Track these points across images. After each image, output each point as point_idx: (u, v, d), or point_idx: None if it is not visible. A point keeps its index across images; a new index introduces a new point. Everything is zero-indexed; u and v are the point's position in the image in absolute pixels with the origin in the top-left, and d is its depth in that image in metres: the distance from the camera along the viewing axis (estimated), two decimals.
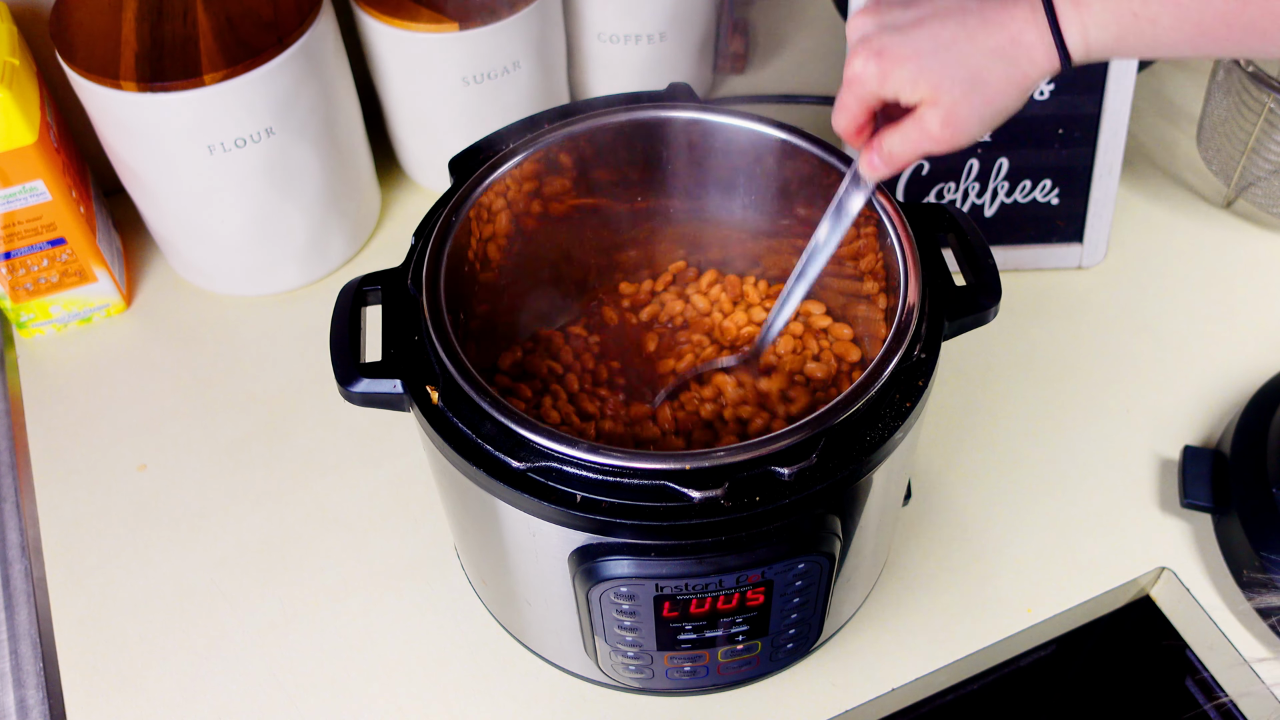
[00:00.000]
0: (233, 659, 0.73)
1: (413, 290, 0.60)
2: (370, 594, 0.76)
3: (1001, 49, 0.53)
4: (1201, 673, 0.78)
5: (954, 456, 0.82)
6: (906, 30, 0.55)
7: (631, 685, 0.66)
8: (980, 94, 0.54)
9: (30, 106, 0.80)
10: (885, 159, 0.58)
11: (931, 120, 0.55)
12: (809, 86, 1.11)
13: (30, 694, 0.71)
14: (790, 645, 0.63)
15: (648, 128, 0.68)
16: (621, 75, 1.02)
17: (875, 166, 0.59)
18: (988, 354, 0.88)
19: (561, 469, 0.53)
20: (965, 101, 0.54)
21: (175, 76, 0.77)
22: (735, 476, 0.52)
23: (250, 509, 0.80)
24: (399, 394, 0.57)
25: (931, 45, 0.54)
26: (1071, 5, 0.52)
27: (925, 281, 0.60)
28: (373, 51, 0.92)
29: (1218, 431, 0.82)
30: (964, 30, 0.54)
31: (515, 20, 0.87)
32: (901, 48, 0.54)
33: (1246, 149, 0.92)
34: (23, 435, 0.86)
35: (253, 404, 0.86)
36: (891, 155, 0.57)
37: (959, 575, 0.76)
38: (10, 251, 0.85)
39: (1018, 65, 0.53)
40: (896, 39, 0.55)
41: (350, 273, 0.96)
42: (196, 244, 0.90)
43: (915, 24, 0.54)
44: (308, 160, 0.87)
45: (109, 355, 0.91)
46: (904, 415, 0.56)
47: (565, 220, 0.72)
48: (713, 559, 0.53)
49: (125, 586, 0.76)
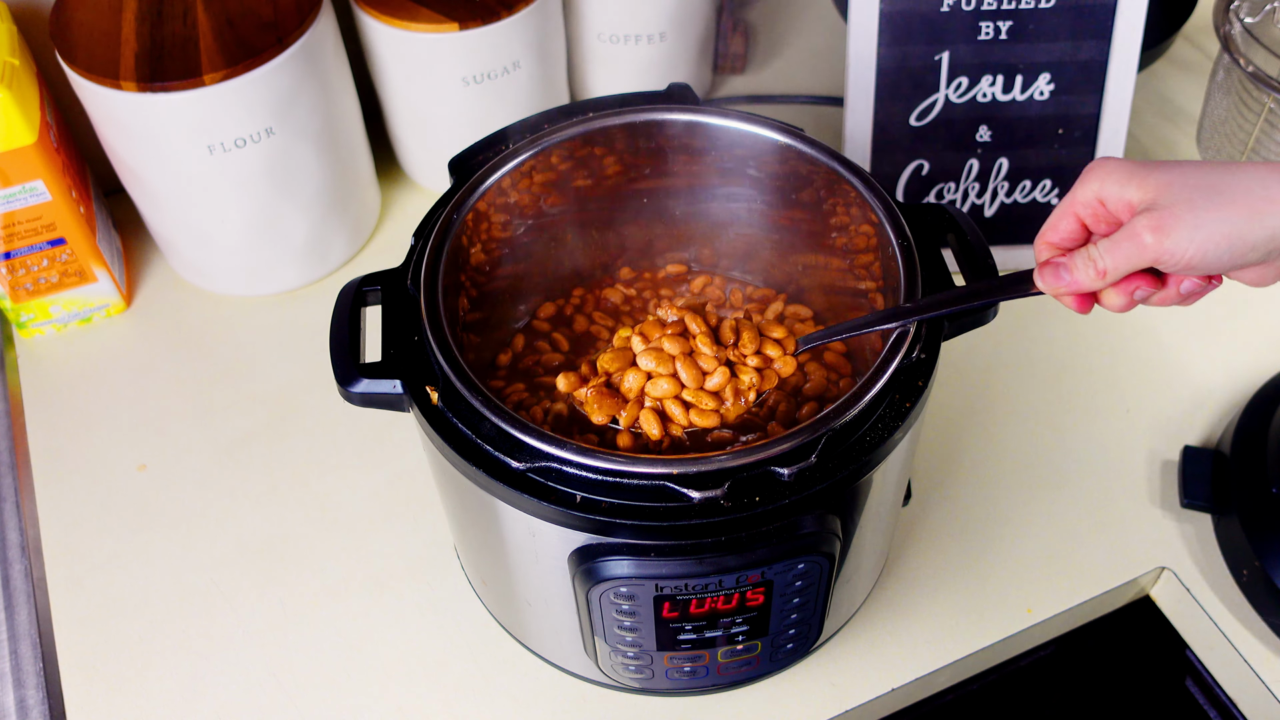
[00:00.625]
0: (233, 659, 0.73)
1: (412, 290, 0.60)
2: (370, 594, 0.76)
3: (1258, 177, 0.47)
4: (1201, 673, 0.78)
5: (954, 456, 0.82)
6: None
7: (631, 685, 0.66)
8: (1211, 202, 0.47)
9: (30, 106, 0.80)
10: (1068, 270, 0.52)
11: (1142, 225, 0.49)
12: (809, 86, 1.11)
13: (30, 694, 0.71)
14: (790, 645, 0.63)
15: (648, 128, 0.68)
16: (621, 75, 1.02)
17: (1055, 279, 0.53)
18: (988, 354, 0.88)
19: (561, 469, 0.53)
20: (1187, 207, 0.47)
21: (175, 76, 0.77)
22: (735, 477, 0.52)
23: (250, 509, 0.80)
24: (399, 394, 0.57)
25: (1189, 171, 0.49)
26: None
27: (925, 282, 0.60)
28: (373, 51, 0.92)
29: (1218, 431, 0.82)
30: (1225, 166, 0.48)
31: (515, 20, 0.87)
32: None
33: (1246, 149, 0.92)
34: (23, 435, 0.86)
35: (253, 404, 0.87)
36: (1076, 266, 0.52)
37: (959, 575, 0.76)
38: (10, 251, 0.85)
39: (1268, 189, 0.47)
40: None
41: (350, 273, 0.96)
42: (196, 244, 0.90)
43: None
44: (308, 160, 0.87)
45: (109, 355, 0.91)
46: (904, 415, 0.56)
47: (565, 220, 0.72)
48: (713, 559, 0.53)
49: (125, 586, 0.76)
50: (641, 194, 0.73)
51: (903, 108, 0.88)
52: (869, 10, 0.84)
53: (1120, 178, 0.50)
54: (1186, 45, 1.15)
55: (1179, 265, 0.49)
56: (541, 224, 0.71)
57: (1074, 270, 0.52)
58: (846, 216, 0.66)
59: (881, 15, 0.84)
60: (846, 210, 0.66)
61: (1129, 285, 0.52)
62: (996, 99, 0.88)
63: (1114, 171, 0.51)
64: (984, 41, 0.85)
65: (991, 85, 0.87)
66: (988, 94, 0.87)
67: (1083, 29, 0.85)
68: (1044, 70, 0.86)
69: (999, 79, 0.87)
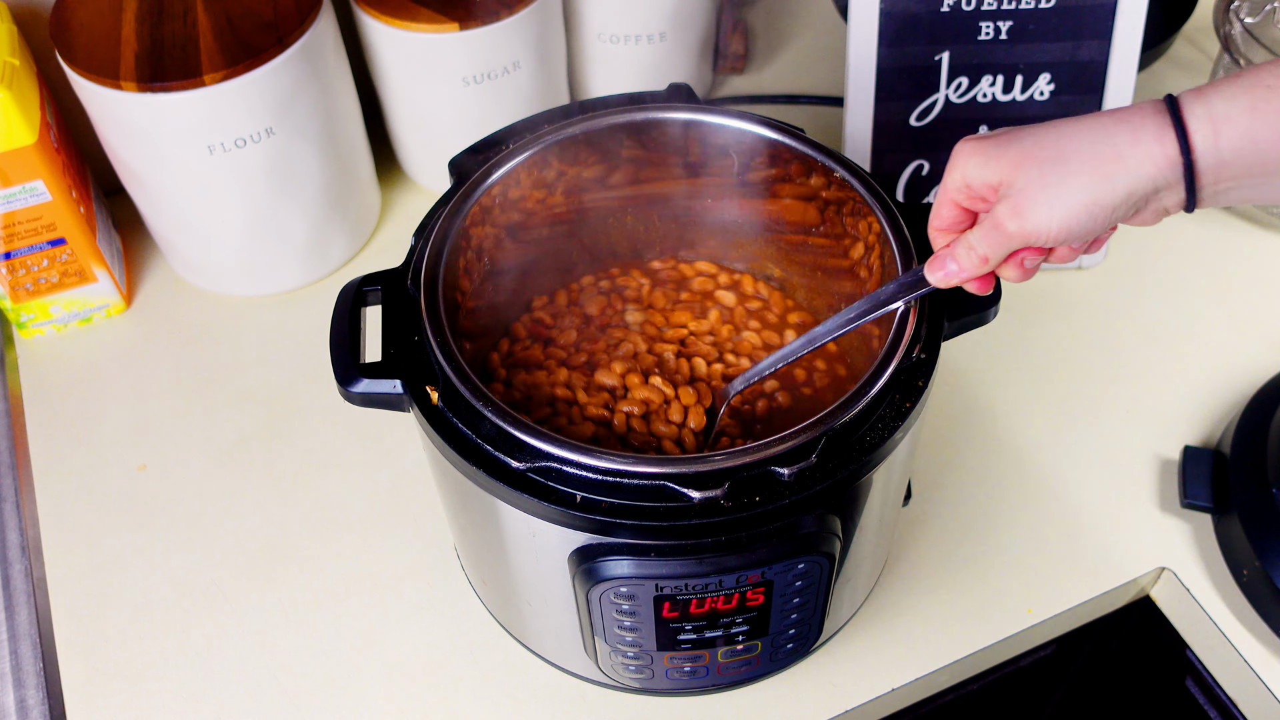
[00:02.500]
0: (233, 659, 0.73)
1: (412, 290, 0.60)
2: (370, 594, 0.76)
3: (1104, 134, 0.47)
4: (1201, 673, 0.78)
5: (954, 456, 0.82)
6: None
7: (631, 685, 0.66)
8: (1060, 174, 0.47)
9: (30, 106, 0.80)
10: (953, 260, 0.53)
11: (1002, 214, 0.49)
12: (809, 86, 1.11)
13: (30, 694, 0.71)
14: (790, 645, 0.63)
15: (648, 128, 0.68)
16: (621, 75, 1.02)
17: (941, 271, 0.54)
18: (988, 354, 0.88)
19: (561, 469, 0.53)
20: (1039, 186, 0.47)
21: (175, 76, 0.77)
22: (735, 477, 0.52)
23: (250, 509, 0.80)
24: (399, 394, 0.57)
25: (1030, 135, 0.48)
26: (1196, 95, 0.45)
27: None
28: (373, 51, 0.92)
29: (1218, 431, 0.82)
30: (1071, 127, 0.48)
31: (515, 20, 0.87)
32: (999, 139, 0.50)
33: None
34: (23, 435, 0.86)
35: (253, 404, 0.86)
36: (958, 257, 0.52)
37: (959, 575, 0.76)
38: (10, 252, 0.85)
39: (1115, 147, 0.46)
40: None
41: (350, 273, 0.96)
42: (196, 244, 0.90)
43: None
44: (308, 160, 0.87)
45: (109, 355, 0.91)
46: (904, 415, 0.56)
47: (565, 221, 0.72)
48: (713, 559, 0.53)
49: (125, 586, 0.76)
50: (641, 194, 0.73)
51: (903, 108, 0.88)
52: (869, 10, 0.84)
53: (979, 160, 0.50)
54: (1186, 45, 1.15)
55: (1049, 242, 0.49)
56: (541, 224, 0.71)
57: (958, 259, 0.53)
58: (846, 217, 0.67)
59: (881, 15, 0.84)
60: (846, 210, 0.66)
61: (1016, 260, 0.52)
62: (997, 99, 0.88)
63: (972, 155, 0.51)
64: (984, 41, 0.85)
65: (992, 85, 0.87)
66: (988, 94, 0.87)
67: (1083, 29, 0.85)
68: (1044, 70, 0.86)
69: (999, 79, 0.87)
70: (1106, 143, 0.47)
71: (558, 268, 0.75)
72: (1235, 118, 0.45)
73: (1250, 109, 0.45)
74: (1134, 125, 0.47)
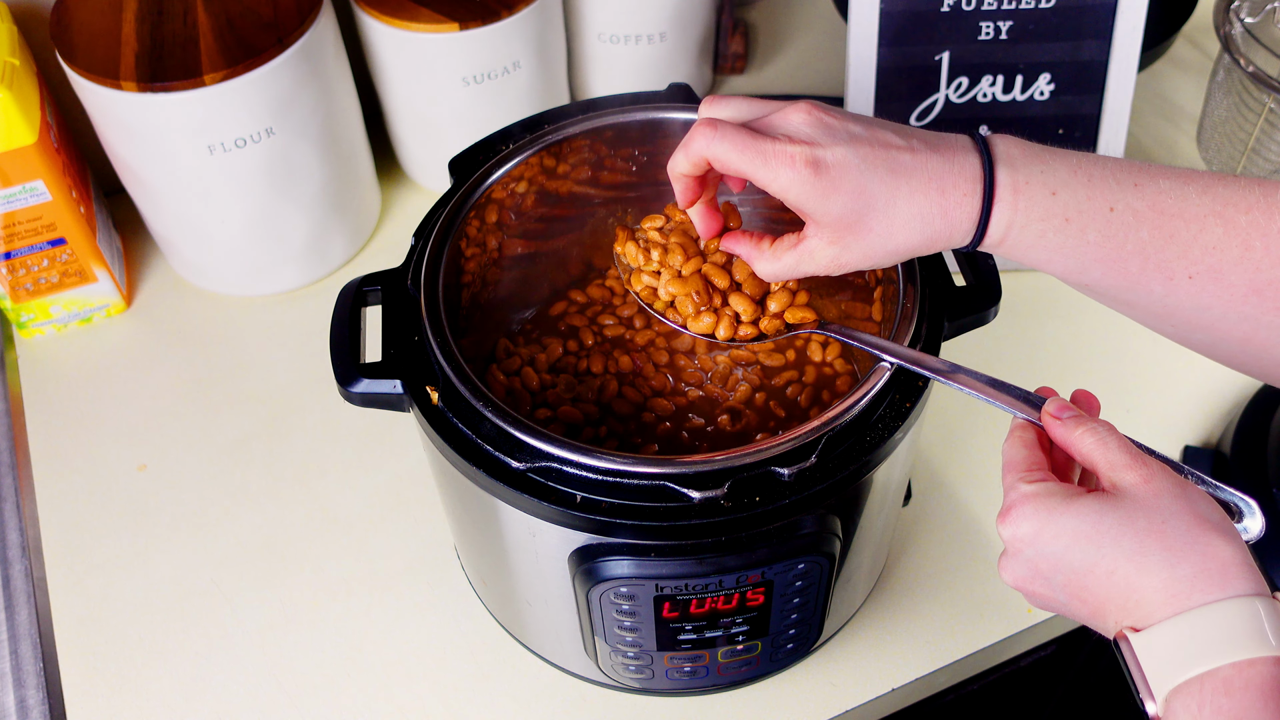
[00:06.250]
0: (233, 659, 0.73)
1: (412, 290, 0.60)
2: (370, 594, 0.76)
3: (927, 186, 0.50)
4: None
5: (954, 456, 0.82)
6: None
7: (631, 685, 0.66)
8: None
9: (30, 106, 0.80)
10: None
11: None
12: (809, 86, 1.11)
13: (30, 694, 0.71)
14: (790, 645, 0.63)
15: (648, 128, 0.68)
16: (621, 75, 1.02)
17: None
18: (988, 354, 0.88)
19: (561, 469, 0.53)
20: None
21: (175, 76, 0.77)
22: (735, 477, 0.52)
23: (250, 509, 0.80)
24: (399, 394, 0.57)
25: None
26: (1010, 188, 0.49)
27: (925, 282, 0.60)
28: (373, 51, 0.92)
29: (1218, 431, 0.82)
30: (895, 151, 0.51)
31: (515, 20, 0.87)
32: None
33: (1246, 149, 0.92)
34: (23, 435, 0.86)
35: (253, 404, 0.86)
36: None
37: (959, 575, 0.76)
38: (10, 251, 0.85)
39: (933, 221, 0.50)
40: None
41: (350, 273, 0.96)
42: (196, 244, 0.90)
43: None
44: (308, 160, 0.87)
45: (109, 355, 0.91)
46: (904, 416, 0.56)
47: (565, 221, 0.72)
48: (713, 559, 0.53)
49: (125, 586, 0.76)
50: (641, 194, 0.73)
51: (903, 108, 0.88)
52: (869, 10, 0.84)
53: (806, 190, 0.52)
54: (1186, 45, 1.15)
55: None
56: (541, 224, 0.71)
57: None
58: None
59: (881, 15, 0.84)
60: None
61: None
62: (997, 99, 0.88)
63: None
64: (984, 41, 0.85)
65: (992, 85, 0.87)
66: (988, 94, 0.87)
67: (1083, 29, 0.85)
68: (1044, 70, 0.86)
69: (999, 79, 0.87)
70: (934, 209, 0.50)
71: (558, 267, 0.75)
72: (1026, 240, 0.50)
73: (1040, 237, 0.50)
74: (957, 197, 0.50)
